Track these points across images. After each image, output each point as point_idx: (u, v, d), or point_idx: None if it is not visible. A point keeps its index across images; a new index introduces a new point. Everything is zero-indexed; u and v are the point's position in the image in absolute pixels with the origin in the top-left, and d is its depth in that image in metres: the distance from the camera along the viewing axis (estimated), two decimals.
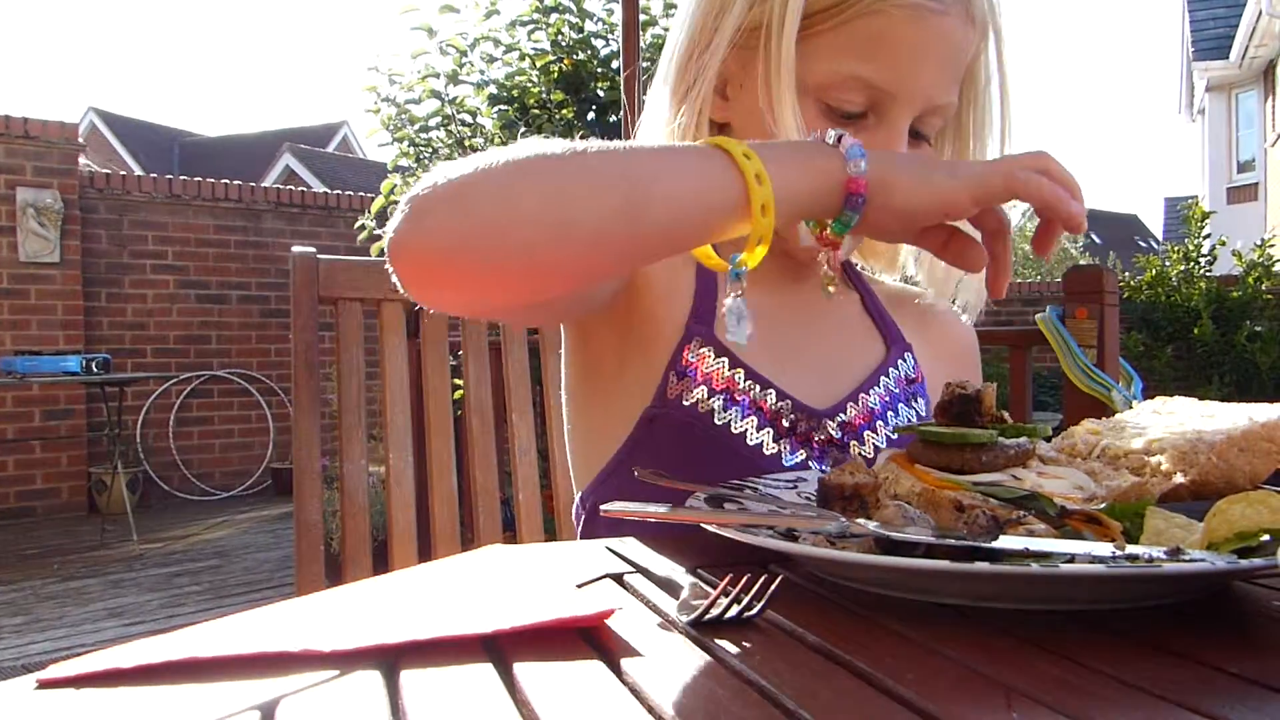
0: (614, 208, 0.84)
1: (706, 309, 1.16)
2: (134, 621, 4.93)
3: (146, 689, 0.55)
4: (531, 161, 0.83)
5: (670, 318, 1.15)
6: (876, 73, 1.04)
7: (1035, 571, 0.62)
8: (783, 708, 0.50)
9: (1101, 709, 0.49)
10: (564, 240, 0.83)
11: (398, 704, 0.52)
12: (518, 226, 0.82)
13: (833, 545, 0.73)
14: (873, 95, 1.05)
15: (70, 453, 8.14)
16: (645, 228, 0.86)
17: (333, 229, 9.60)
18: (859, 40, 1.03)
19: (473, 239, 0.82)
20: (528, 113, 4.96)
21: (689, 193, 0.87)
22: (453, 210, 0.83)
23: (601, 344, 1.20)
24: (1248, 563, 0.61)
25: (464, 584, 0.78)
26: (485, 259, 0.83)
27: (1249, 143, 18.19)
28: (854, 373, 1.22)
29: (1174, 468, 0.82)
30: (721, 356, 1.13)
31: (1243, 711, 0.48)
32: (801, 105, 1.06)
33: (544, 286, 0.90)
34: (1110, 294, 4.14)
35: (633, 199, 0.84)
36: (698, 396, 1.11)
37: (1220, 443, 0.81)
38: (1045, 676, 0.53)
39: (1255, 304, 8.74)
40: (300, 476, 1.39)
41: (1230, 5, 17.17)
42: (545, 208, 0.82)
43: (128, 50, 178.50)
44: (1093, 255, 25.07)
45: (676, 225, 0.87)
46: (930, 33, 1.03)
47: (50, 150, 8.07)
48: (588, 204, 0.83)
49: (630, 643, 0.61)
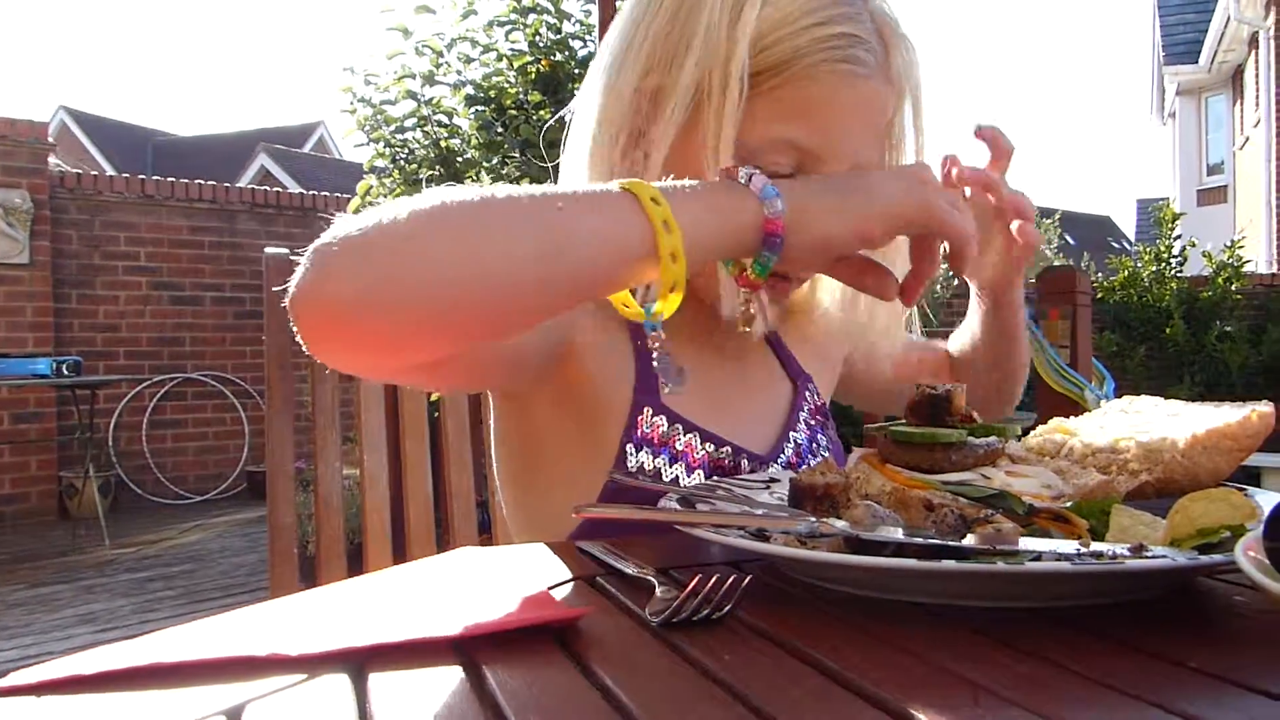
0: (524, 253, 0.81)
1: (649, 378, 1.15)
2: (106, 627, 4.88)
3: (109, 695, 0.55)
4: (438, 208, 0.80)
5: (617, 388, 1.14)
6: (807, 136, 1.05)
7: (1001, 569, 0.63)
8: (751, 706, 0.50)
9: (1066, 705, 0.49)
10: (472, 286, 0.80)
11: (365, 707, 0.52)
12: (423, 272, 0.78)
13: (803, 545, 0.73)
14: (801, 157, 1.06)
15: (40, 457, 8.04)
16: (557, 273, 0.83)
17: (309, 230, 9.52)
18: (790, 105, 1.04)
19: (376, 287, 0.77)
20: (504, 113, 4.95)
21: (599, 239, 0.84)
22: (356, 259, 0.78)
23: (543, 418, 1.17)
24: (1209, 559, 0.63)
25: (435, 586, 0.78)
26: (390, 308, 0.78)
27: (1218, 146, 18.58)
28: (778, 414, 1.26)
29: (1139, 466, 0.83)
30: (675, 423, 1.13)
31: (1203, 706, 0.49)
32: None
33: (452, 337, 0.86)
34: (1083, 294, 4.19)
35: (543, 244, 0.81)
36: (660, 465, 1.11)
37: (1185, 441, 0.83)
38: (1011, 673, 0.54)
39: (1225, 304, 8.93)
40: (274, 479, 1.39)
41: (1200, 11, 17.49)
42: (453, 253, 0.79)
43: (100, 48, 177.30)
44: (1066, 256, 25.29)
45: (588, 271, 0.85)
46: (858, 95, 1.06)
47: (19, 149, 7.97)
48: (498, 249, 0.80)
49: (601, 643, 0.62)
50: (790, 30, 1.03)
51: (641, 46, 1.09)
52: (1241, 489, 0.82)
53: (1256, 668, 0.55)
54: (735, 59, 1.02)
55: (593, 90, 1.14)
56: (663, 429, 1.12)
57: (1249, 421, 0.86)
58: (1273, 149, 13.68)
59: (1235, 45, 16.04)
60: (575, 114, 1.17)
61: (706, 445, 1.14)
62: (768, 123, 1.05)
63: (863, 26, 1.05)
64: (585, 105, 1.15)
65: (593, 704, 0.52)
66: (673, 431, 1.12)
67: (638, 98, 1.09)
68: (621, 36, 1.12)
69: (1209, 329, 8.87)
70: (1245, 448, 0.86)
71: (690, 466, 1.12)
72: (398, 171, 5.09)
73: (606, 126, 1.12)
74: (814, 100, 1.04)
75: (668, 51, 1.07)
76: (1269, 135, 13.78)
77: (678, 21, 1.06)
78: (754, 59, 1.03)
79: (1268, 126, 13.85)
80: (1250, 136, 15.45)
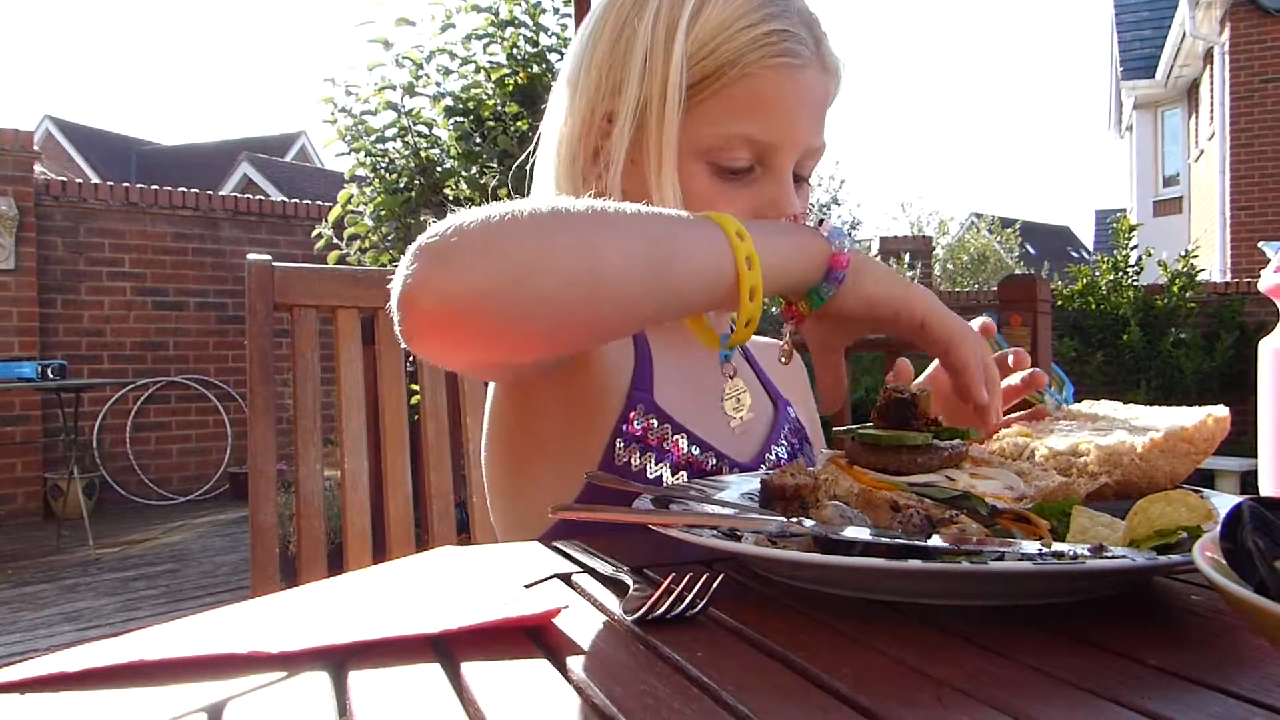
0: (641, 268, 0.84)
1: (646, 375, 1.18)
2: (90, 625, 4.87)
3: (93, 693, 0.55)
4: (560, 212, 0.82)
5: (617, 384, 1.17)
6: (759, 129, 1.12)
7: (965, 568, 0.64)
8: (723, 702, 0.51)
9: (1028, 701, 0.50)
10: (593, 293, 0.82)
11: (345, 704, 0.53)
12: (551, 274, 0.79)
13: (773, 544, 0.74)
14: (757, 149, 1.13)
15: (25, 458, 8.02)
16: (662, 286, 0.86)
17: (291, 237, 9.53)
18: (738, 103, 1.11)
19: (505, 283, 0.77)
20: (483, 124, 4.96)
21: (701, 258, 0.87)
22: (480, 254, 0.78)
23: (544, 406, 1.19)
24: (1166, 559, 0.64)
25: (414, 585, 0.79)
26: (513, 306, 0.78)
27: (1174, 158, 18.84)
28: (761, 427, 1.30)
29: (1099, 469, 0.84)
30: (665, 423, 1.15)
31: (1161, 703, 0.50)
32: (692, 170, 1.13)
33: (564, 341, 0.89)
34: (1043, 302, 4.24)
35: (658, 260, 0.85)
36: (646, 463, 1.13)
37: (1143, 445, 0.84)
38: (975, 670, 0.55)
39: (1180, 312, 9.12)
40: (256, 481, 1.39)
41: (1156, 27, 17.72)
42: (579, 259, 0.80)
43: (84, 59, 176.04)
44: (1026, 265, 25.55)
45: (685, 288, 0.88)
46: (799, 85, 1.13)
47: (4, 157, 7.97)
48: (618, 260, 0.82)
49: (576, 641, 0.62)
50: (726, 35, 1.10)
51: (590, 74, 1.16)
52: (1199, 491, 0.83)
53: (1212, 665, 0.56)
54: (671, 75, 1.09)
55: (556, 109, 1.21)
56: (653, 427, 1.14)
57: (1205, 425, 0.87)
58: (1226, 161, 13.82)
59: (1191, 60, 16.24)
60: (542, 133, 1.24)
61: (693, 448, 1.16)
62: (719, 122, 1.11)
63: (791, 22, 1.12)
64: (550, 124, 1.22)
65: (568, 700, 0.52)
66: (662, 430, 1.15)
67: (592, 119, 1.16)
68: (574, 63, 1.19)
69: (1164, 336, 9.03)
70: (1201, 451, 0.87)
71: (675, 466, 1.14)
72: (378, 181, 5.09)
73: (569, 145, 1.18)
74: (760, 95, 1.11)
75: (613, 79, 1.14)
76: (1223, 148, 13.92)
77: (618, 51, 1.14)
78: (695, 68, 1.10)
79: (1221, 139, 13.98)
80: (1205, 149, 15.61)
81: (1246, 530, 0.55)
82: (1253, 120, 13.65)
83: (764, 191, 1.14)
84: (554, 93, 1.23)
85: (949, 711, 0.49)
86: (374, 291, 1.50)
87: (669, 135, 1.10)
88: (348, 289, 1.49)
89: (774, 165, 1.14)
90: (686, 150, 1.12)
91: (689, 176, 1.12)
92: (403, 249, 0.81)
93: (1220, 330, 9.08)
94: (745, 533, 0.77)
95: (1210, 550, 0.57)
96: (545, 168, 1.22)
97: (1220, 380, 8.81)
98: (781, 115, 1.12)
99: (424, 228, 0.80)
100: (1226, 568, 0.55)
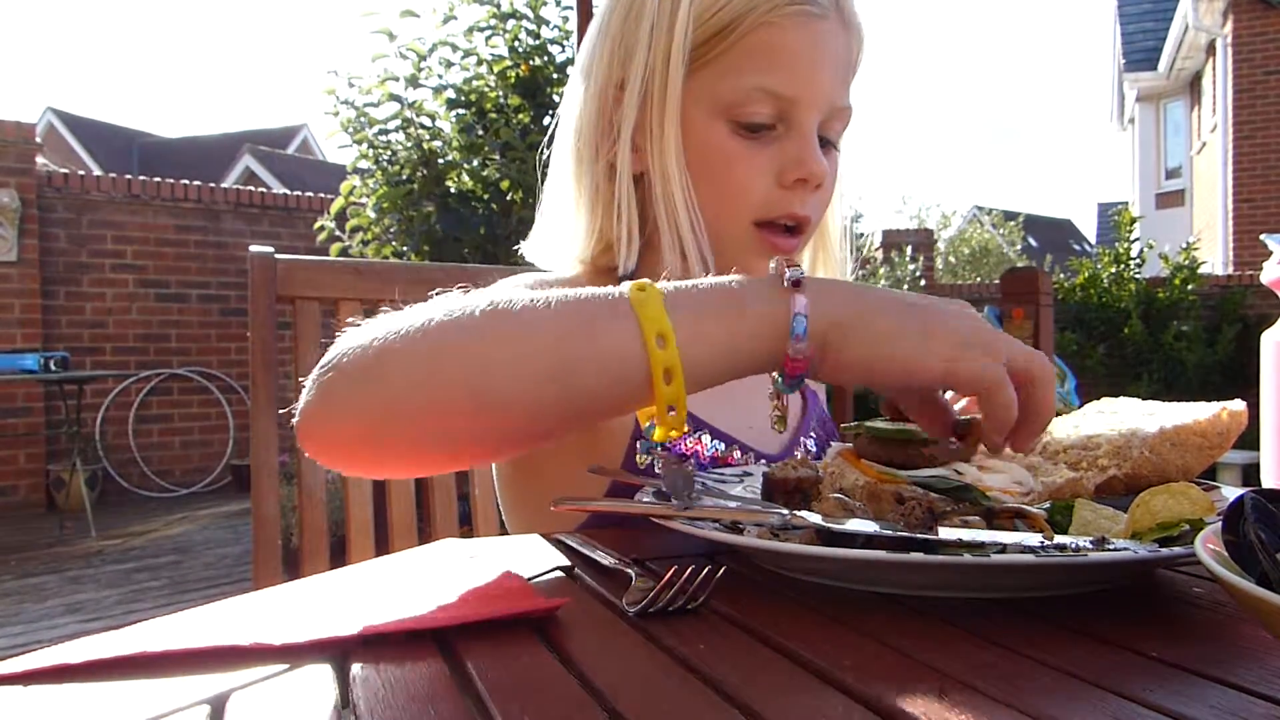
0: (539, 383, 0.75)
1: None
2: (92, 617, 4.88)
3: (96, 685, 0.56)
4: (447, 330, 0.75)
5: None
6: (777, 81, 1.08)
7: (968, 561, 0.64)
8: (725, 694, 0.51)
9: (1030, 693, 0.50)
10: (488, 418, 0.76)
11: (348, 696, 0.53)
12: (436, 406, 0.74)
13: (775, 537, 0.74)
14: (778, 104, 1.09)
15: (28, 450, 8.05)
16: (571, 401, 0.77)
17: (293, 229, 9.54)
18: (753, 54, 1.07)
19: (383, 418, 0.74)
20: (485, 116, 4.97)
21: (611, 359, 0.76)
22: (360, 392, 0.74)
23: None
24: (1168, 551, 0.64)
25: (417, 577, 0.79)
26: (396, 439, 0.75)
27: (1176, 150, 18.86)
28: (790, 419, 1.27)
29: (1109, 461, 0.84)
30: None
31: (1163, 695, 0.50)
32: (713, 128, 1.10)
33: (471, 459, 0.87)
34: (1045, 295, 4.24)
35: (557, 372, 0.75)
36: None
37: (1152, 437, 0.84)
38: (977, 662, 0.55)
39: (1182, 305, 9.11)
40: (258, 473, 1.39)
41: (1159, 19, 17.73)
42: (467, 383, 0.74)
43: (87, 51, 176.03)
44: (1029, 258, 25.59)
45: (601, 395, 0.77)
46: (817, 35, 1.08)
47: (7, 149, 7.97)
48: (512, 378, 0.75)
49: (579, 633, 0.62)
50: None
51: (604, 49, 1.15)
52: (1215, 486, 0.83)
53: (1214, 657, 0.56)
54: (675, 38, 1.07)
55: (572, 98, 1.20)
56: None
57: (1218, 419, 0.87)
58: (1229, 154, 13.81)
59: (1193, 53, 16.23)
60: (558, 122, 1.22)
61: (717, 443, 1.14)
62: (735, 75, 1.08)
63: None
64: (567, 109, 1.21)
65: (570, 692, 0.52)
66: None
67: (606, 95, 1.14)
68: (588, 52, 1.18)
69: (1166, 328, 9.02)
70: (1216, 445, 0.87)
71: (700, 464, 1.11)
72: (381, 173, 5.09)
73: (585, 126, 1.17)
74: (776, 45, 1.07)
75: (625, 49, 1.12)
76: (1225, 140, 13.92)
77: (629, 23, 1.12)
78: (709, 23, 1.07)
79: (1224, 132, 13.98)
80: (1207, 141, 15.62)
81: (1249, 523, 0.55)
82: (1255, 113, 13.64)
83: (787, 150, 1.09)
84: (569, 84, 1.22)
85: (951, 703, 0.49)
86: (376, 284, 1.50)
87: (671, 101, 1.08)
88: (350, 281, 1.49)
89: (796, 122, 1.09)
90: (707, 108, 1.09)
91: (710, 135, 1.10)
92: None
93: (1222, 323, 9.08)
94: (748, 526, 0.78)
95: (1212, 543, 0.57)
96: (561, 157, 1.21)
97: (1222, 373, 8.81)
98: (800, 67, 1.08)
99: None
100: (1229, 560, 0.56)
